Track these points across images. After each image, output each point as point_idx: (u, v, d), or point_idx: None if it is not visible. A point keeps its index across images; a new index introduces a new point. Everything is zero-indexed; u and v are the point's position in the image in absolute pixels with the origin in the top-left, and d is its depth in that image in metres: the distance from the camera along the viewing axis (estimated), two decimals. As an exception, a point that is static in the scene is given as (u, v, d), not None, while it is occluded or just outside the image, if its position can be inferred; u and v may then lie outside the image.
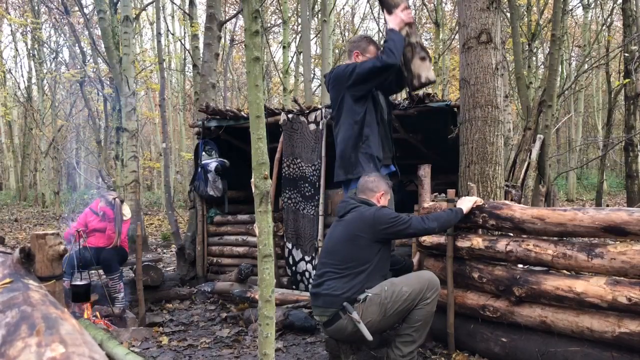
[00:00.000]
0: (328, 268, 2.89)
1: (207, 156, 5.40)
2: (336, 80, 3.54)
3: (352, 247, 2.86)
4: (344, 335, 2.83)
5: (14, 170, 22.66)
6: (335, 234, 2.99)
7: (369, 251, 2.85)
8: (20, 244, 4.70)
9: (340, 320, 2.78)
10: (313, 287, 2.98)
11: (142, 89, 16.52)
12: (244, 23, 1.99)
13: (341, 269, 2.84)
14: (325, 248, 3.04)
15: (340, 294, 2.79)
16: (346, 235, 2.90)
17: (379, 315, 2.76)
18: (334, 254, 2.92)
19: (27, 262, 2.30)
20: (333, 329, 2.83)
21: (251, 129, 2.04)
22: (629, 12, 10.23)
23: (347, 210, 3.01)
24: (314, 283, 2.99)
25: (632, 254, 2.40)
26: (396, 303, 2.76)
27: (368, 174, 3.20)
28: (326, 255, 2.99)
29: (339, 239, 2.94)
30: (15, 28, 20.17)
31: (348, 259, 2.85)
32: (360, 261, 2.83)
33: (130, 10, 8.90)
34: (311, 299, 3.03)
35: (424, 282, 2.82)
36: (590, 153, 22.08)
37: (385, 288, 2.79)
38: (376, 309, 2.75)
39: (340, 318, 2.78)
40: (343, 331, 2.80)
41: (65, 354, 1.04)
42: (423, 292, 2.79)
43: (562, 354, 2.63)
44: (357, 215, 2.94)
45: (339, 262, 2.86)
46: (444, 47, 13.97)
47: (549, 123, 6.54)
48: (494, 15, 3.57)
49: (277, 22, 17.30)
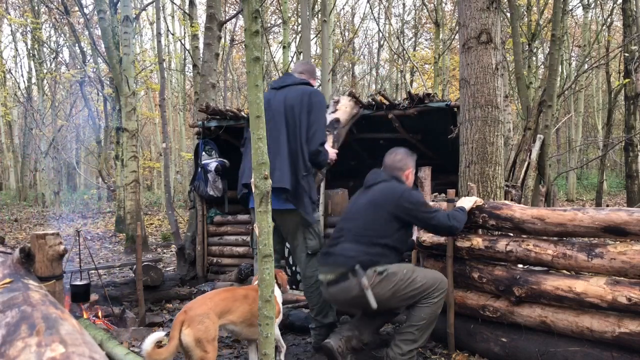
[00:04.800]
0: (345, 232, 2.88)
1: (207, 156, 5.40)
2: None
3: (374, 217, 2.84)
4: (345, 297, 2.80)
5: (14, 170, 22.65)
6: (360, 202, 2.96)
7: (389, 227, 2.82)
8: (20, 244, 4.70)
9: (348, 282, 2.75)
10: (325, 249, 2.97)
11: (142, 89, 16.51)
12: (244, 23, 1.99)
13: (359, 235, 2.83)
14: (346, 215, 3.01)
15: (354, 256, 2.78)
16: (371, 204, 2.88)
17: (389, 292, 2.75)
18: (354, 220, 2.90)
19: (27, 262, 2.31)
20: (337, 289, 2.81)
21: (251, 129, 2.04)
22: (629, 12, 10.24)
23: (376, 181, 2.98)
24: (327, 245, 2.98)
25: (632, 254, 2.40)
26: (407, 288, 2.77)
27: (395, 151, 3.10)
28: (345, 221, 2.97)
29: (362, 207, 2.92)
30: (15, 28, 20.18)
31: (367, 227, 2.83)
32: (379, 233, 2.81)
33: (130, 10, 8.90)
34: (320, 259, 3.00)
35: (437, 281, 2.84)
36: (590, 153, 22.08)
37: (405, 271, 2.79)
38: (389, 287, 2.75)
39: (348, 279, 2.75)
40: (346, 293, 2.77)
41: (65, 353, 1.04)
42: (433, 289, 2.80)
43: (562, 354, 2.63)
44: (386, 187, 2.91)
45: (358, 228, 2.85)
46: (444, 47, 13.97)
47: (549, 123, 6.54)
48: (494, 15, 3.57)
49: (277, 22, 17.30)
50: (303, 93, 3.21)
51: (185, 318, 2.43)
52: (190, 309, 2.47)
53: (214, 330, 2.45)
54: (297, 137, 3.15)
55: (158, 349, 2.32)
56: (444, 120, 4.57)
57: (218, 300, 2.58)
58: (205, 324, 2.42)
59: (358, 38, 22.06)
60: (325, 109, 3.36)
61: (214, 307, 2.52)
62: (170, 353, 2.35)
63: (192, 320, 2.41)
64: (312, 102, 3.18)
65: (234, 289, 2.85)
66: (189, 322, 2.40)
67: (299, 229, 3.25)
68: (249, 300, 2.67)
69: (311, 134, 3.14)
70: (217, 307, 2.53)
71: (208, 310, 2.47)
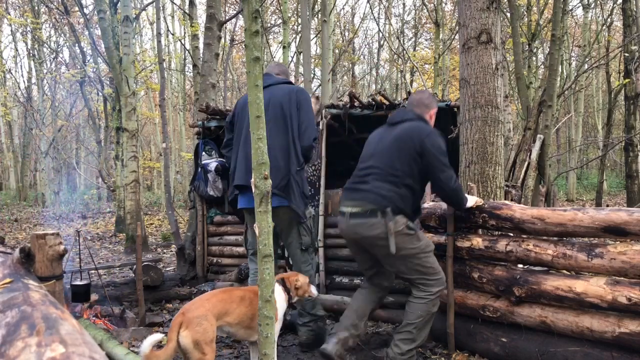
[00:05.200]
0: (374, 170, 2.88)
1: (207, 156, 5.39)
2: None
3: (400, 154, 2.84)
4: (365, 233, 2.80)
5: (14, 170, 22.66)
6: (386, 140, 2.96)
7: (412, 166, 2.83)
8: (20, 244, 4.70)
9: (375, 219, 2.76)
10: (352, 184, 2.94)
11: (142, 89, 16.52)
12: (244, 23, 1.99)
13: (389, 175, 2.83)
14: (372, 152, 2.99)
15: (386, 195, 2.79)
16: (397, 142, 2.88)
17: (405, 251, 2.78)
18: (382, 158, 2.90)
19: (27, 262, 2.31)
20: (360, 222, 2.80)
21: (251, 129, 2.04)
22: (629, 12, 10.24)
23: (403, 119, 2.98)
24: (353, 181, 2.95)
25: (632, 254, 2.40)
26: (420, 260, 2.82)
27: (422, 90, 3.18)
28: (371, 158, 2.96)
29: (389, 145, 2.92)
30: (15, 28, 20.19)
31: (394, 166, 2.84)
32: (405, 173, 2.83)
33: (130, 10, 8.89)
34: (344, 194, 2.98)
35: (440, 275, 2.91)
36: (590, 153, 22.08)
37: (428, 245, 2.88)
38: (408, 246, 2.78)
39: (376, 217, 2.76)
40: (368, 229, 2.77)
41: (65, 354, 1.04)
42: (434, 280, 2.86)
43: (562, 354, 2.63)
44: (413, 126, 2.92)
45: (387, 166, 2.85)
46: (444, 47, 13.97)
47: (549, 123, 6.54)
48: (494, 15, 3.57)
49: (277, 22, 17.31)
50: (290, 91, 3.28)
51: (183, 320, 2.42)
52: (188, 310, 2.47)
53: (212, 332, 2.44)
54: (289, 133, 3.20)
55: (156, 352, 2.32)
56: (444, 120, 4.57)
57: (216, 302, 2.57)
58: (203, 326, 2.41)
59: (358, 38, 22.08)
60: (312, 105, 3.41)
61: (212, 309, 2.51)
62: (168, 355, 2.35)
63: (190, 322, 2.40)
64: (300, 99, 3.26)
65: (231, 290, 2.84)
66: (187, 324, 2.40)
67: (292, 225, 3.27)
68: (246, 302, 2.66)
69: (303, 130, 3.21)
70: (215, 309, 2.52)
71: (206, 312, 2.47)
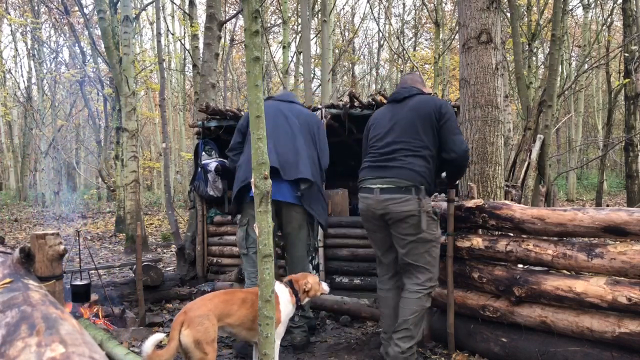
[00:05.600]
0: (401, 145, 2.88)
1: (207, 156, 5.39)
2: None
3: (423, 124, 2.88)
4: (396, 208, 2.79)
5: (14, 170, 22.66)
6: (401, 114, 2.97)
7: (434, 134, 2.88)
8: (20, 244, 4.70)
9: (409, 195, 2.77)
10: (376, 162, 2.93)
11: (142, 89, 16.51)
12: (244, 23, 1.99)
13: (415, 148, 2.85)
14: (387, 128, 2.98)
15: (420, 171, 2.82)
16: (417, 112, 2.91)
17: (424, 234, 2.82)
18: (403, 132, 2.90)
19: (27, 262, 2.30)
20: (391, 197, 2.79)
21: (251, 129, 2.04)
22: (629, 12, 10.24)
23: (411, 94, 3.02)
24: (376, 159, 2.94)
25: (632, 254, 2.40)
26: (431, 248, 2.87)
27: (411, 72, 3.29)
28: (389, 135, 2.95)
29: (409, 117, 2.93)
30: (15, 28, 20.19)
31: (420, 138, 2.87)
32: (430, 142, 2.87)
33: (130, 10, 8.89)
34: (367, 172, 2.96)
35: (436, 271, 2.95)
36: (590, 153, 22.09)
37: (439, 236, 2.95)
38: (429, 231, 2.82)
39: (410, 193, 2.77)
40: (401, 205, 2.78)
41: (65, 354, 1.04)
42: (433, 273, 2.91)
43: (562, 354, 2.63)
44: (426, 98, 2.99)
45: (412, 139, 2.87)
46: (444, 47, 13.97)
47: (549, 123, 6.54)
48: (494, 15, 3.57)
49: (277, 22, 17.30)
50: (312, 116, 3.64)
51: (184, 319, 2.43)
52: (189, 309, 2.47)
53: (213, 332, 2.44)
54: (314, 147, 3.46)
55: (158, 351, 2.32)
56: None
57: (218, 302, 2.58)
58: (205, 326, 2.41)
59: (358, 38, 22.08)
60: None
61: (214, 309, 2.51)
62: (170, 354, 2.35)
63: (191, 321, 2.41)
64: (320, 125, 3.63)
65: (233, 291, 2.84)
66: (188, 323, 2.40)
67: (304, 226, 3.42)
68: (248, 304, 2.65)
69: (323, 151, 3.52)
70: (216, 309, 2.53)
71: (208, 312, 2.47)
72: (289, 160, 3.34)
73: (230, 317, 2.59)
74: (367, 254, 4.57)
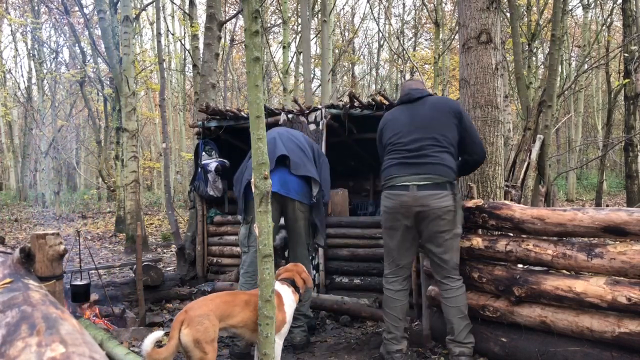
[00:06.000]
0: (429, 142, 2.88)
1: (207, 156, 5.39)
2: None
3: (447, 121, 2.92)
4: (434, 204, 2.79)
5: (14, 170, 22.66)
6: (421, 112, 2.97)
7: (456, 132, 2.94)
8: (20, 244, 4.70)
9: (445, 191, 2.80)
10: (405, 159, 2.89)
11: (142, 89, 16.52)
12: (244, 23, 1.99)
13: (443, 144, 2.88)
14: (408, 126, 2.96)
15: (451, 167, 2.87)
16: (438, 110, 2.94)
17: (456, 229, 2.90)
18: (429, 128, 2.90)
19: (27, 262, 2.31)
20: (430, 194, 2.79)
21: (251, 129, 2.04)
22: (629, 12, 10.24)
23: (423, 94, 3.05)
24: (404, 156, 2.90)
25: (632, 254, 2.40)
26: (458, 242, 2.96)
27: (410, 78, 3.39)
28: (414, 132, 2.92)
29: (431, 114, 2.94)
30: (15, 28, 20.19)
31: (446, 135, 2.90)
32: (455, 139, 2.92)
33: (130, 10, 8.89)
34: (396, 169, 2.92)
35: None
36: (590, 153, 22.09)
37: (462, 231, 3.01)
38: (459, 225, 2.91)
39: (446, 189, 2.81)
40: (439, 200, 2.78)
41: (65, 353, 1.04)
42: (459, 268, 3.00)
43: (562, 354, 2.63)
44: (442, 98, 3.07)
45: (439, 135, 2.89)
46: (444, 47, 13.96)
47: (549, 123, 6.54)
48: (494, 15, 3.57)
49: (277, 22, 17.30)
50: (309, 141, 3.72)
51: (185, 318, 2.43)
52: (190, 309, 2.47)
53: (213, 332, 2.44)
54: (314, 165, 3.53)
55: (158, 349, 2.32)
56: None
57: (219, 303, 2.57)
58: (205, 325, 2.42)
59: (358, 38, 22.08)
60: None
61: (215, 309, 2.51)
62: (170, 353, 2.35)
63: (191, 320, 2.41)
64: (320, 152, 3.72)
65: (236, 293, 2.84)
66: (189, 322, 2.41)
67: (307, 224, 3.50)
68: (251, 306, 2.63)
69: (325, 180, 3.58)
70: (218, 310, 2.52)
71: (208, 312, 2.47)
72: (297, 161, 3.40)
73: (233, 319, 2.59)
74: (367, 254, 4.57)
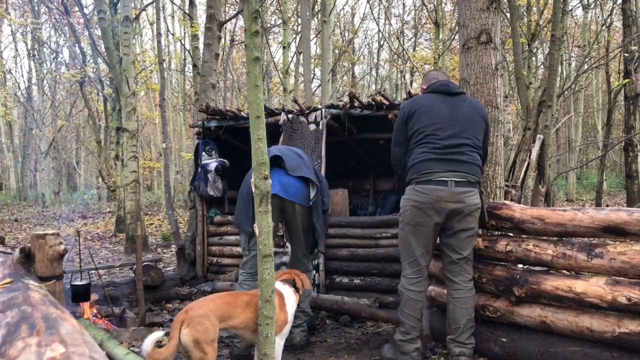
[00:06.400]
0: (465, 141, 2.91)
1: (207, 156, 5.39)
2: None
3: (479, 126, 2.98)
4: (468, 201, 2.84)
5: (14, 170, 22.67)
6: (461, 109, 2.97)
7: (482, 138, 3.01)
8: (20, 244, 4.70)
9: (476, 189, 2.90)
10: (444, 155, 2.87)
11: (142, 89, 16.51)
12: (244, 23, 1.99)
13: (476, 145, 2.95)
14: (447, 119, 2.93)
15: (481, 168, 3.00)
16: (477, 114, 3.00)
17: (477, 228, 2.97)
18: (465, 128, 2.93)
19: (27, 262, 2.31)
20: (465, 190, 2.85)
21: (251, 129, 2.04)
22: (628, 12, 10.24)
23: (460, 91, 3.08)
24: (444, 152, 2.88)
25: (632, 254, 2.40)
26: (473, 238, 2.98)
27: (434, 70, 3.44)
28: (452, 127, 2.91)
29: (469, 114, 2.97)
30: (15, 28, 20.19)
31: (477, 137, 2.96)
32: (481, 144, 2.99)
33: (130, 11, 8.90)
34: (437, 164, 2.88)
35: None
36: (590, 153, 22.08)
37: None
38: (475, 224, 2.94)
39: (476, 188, 2.91)
40: (472, 198, 2.86)
41: (65, 353, 1.05)
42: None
43: (562, 354, 2.63)
44: (477, 102, 3.17)
45: (472, 137, 2.94)
46: (444, 47, 13.96)
47: (549, 123, 6.54)
48: (493, 16, 3.57)
49: (277, 22, 17.29)
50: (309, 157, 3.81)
51: (185, 318, 2.43)
52: (191, 309, 2.47)
53: (213, 332, 2.44)
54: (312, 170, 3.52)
55: (158, 349, 2.32)
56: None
57: (220, 303, 2.57)
58: (205, 325, 2.42)
59: (358, 38, 22.07)
60: None
61: (215, 310, 2.51)
62: (171, 352, 2.35)
63: (191, 320, 2.41)
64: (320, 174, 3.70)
65: (237, 293, 2.83)
66: (189, 322, 2.41)
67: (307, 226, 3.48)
68: (252, 307, 2.62)
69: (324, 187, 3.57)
70: (218, 310, 2.52)
71: (209, 312, 2.47)
72: (293, 163, 3.41)
73: (234, 320, 2.59)
74: (367, 254, 4.57)
